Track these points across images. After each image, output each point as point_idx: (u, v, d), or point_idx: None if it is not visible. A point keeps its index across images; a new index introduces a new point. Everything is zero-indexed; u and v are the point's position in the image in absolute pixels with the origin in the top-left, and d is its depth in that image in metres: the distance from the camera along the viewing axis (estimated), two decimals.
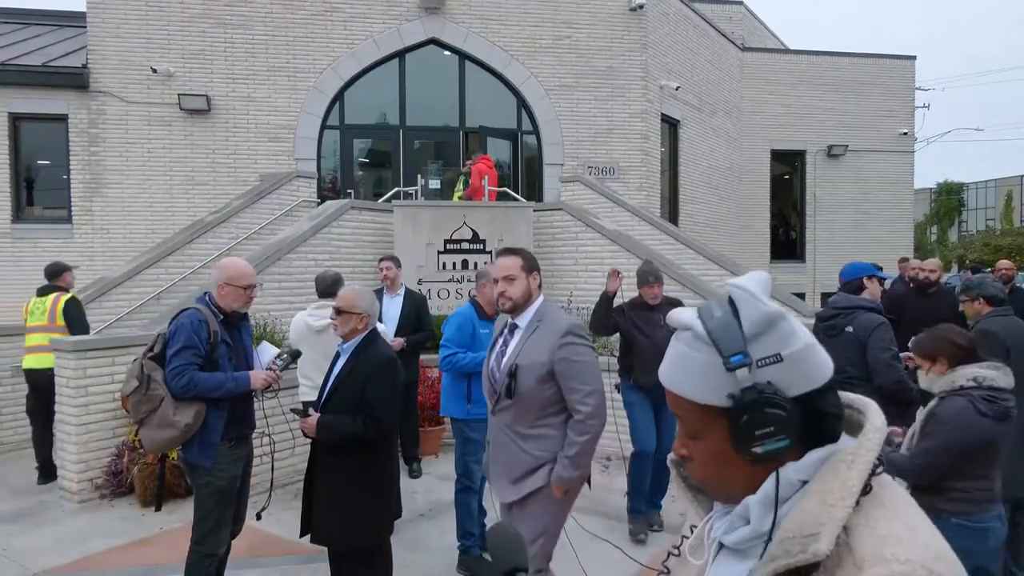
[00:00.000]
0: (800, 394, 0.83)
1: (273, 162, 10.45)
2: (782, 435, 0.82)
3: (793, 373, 0.83)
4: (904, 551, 0.72)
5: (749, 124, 14.77)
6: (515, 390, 2.66)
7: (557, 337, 2.64)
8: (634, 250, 7.88)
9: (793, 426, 0.82)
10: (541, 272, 2.83)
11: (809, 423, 0.83)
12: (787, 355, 0.83)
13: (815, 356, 0.85)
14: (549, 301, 2.85)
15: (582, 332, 2.71)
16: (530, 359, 2.65)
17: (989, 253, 26.41)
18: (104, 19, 10.15)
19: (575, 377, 2.62)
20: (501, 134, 11.70)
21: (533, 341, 2.69)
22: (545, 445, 2.66)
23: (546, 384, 2.63)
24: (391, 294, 5.79)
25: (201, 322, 3.06)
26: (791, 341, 0.84)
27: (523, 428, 2.69)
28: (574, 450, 2.60)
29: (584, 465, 2.66)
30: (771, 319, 0.84)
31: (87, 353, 5.15)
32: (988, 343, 3.33)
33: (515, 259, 2.76)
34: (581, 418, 2.61)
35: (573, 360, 2.63)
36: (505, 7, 11.11)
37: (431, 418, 6.40)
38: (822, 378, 0.85)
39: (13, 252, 10.09)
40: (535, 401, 2.65)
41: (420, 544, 4.38)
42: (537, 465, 2.66)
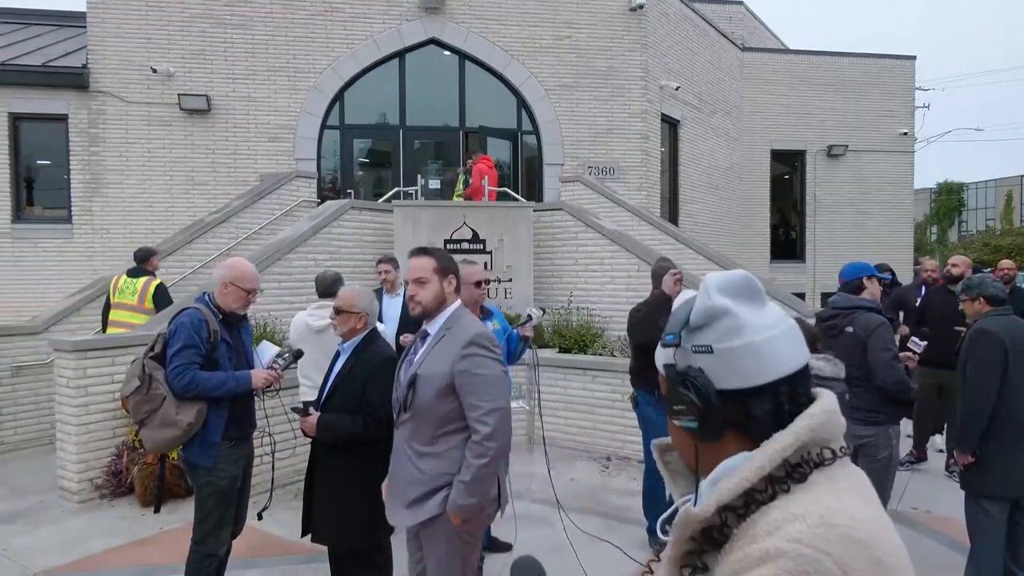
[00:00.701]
0: (731, 389, 0.88)
1: (273, 162, 10.45)
2: (691, 417, 0.89)
3: (722, 367, 0.89)
4: (797, 529, 0.75)
5: (749, 124, 14.77)
6: (411, 403, 2.44)
7: (459, 347, 2.41)
8: (634, 250, 7.88)
9: (710, 414, 0.88)
10: (458, 274, 2.62)
11: (740, 418, 0.88)
12: (718, 349, 0.90)
13: (752, 358, 0.88)
14: (465, 307, 2.65)
15: (488, 342, 2.47)
16: (430, 370, 2.42)
17: (989, 253, 26.42)
18: (104, 19, 10.14)
19: (475, 392, 2.37)
20: (501, 134, 11.70)
21: (438, 350, 2.47)
22: (441, 466, 2.40)
23: (446, 398, 2.39)
24: (391, 294, 5.78)
25: (201, 321, 3.07)
26: (728, 338, 0.89)
27: (420, 445, 2.45)
28: (470, 474, 2.32)
29: (482, 492, 2.38)
30: (712, 313, 0.91)
31: (87, 353, 5.15)
32: (986, 343, 3.33)
33: (427, 260, 2.54)
34: (479, 439, 2.34)
35: (474, 373, 2.38)
36: (505, 7, 11.11)
37: None
38: (757, 380, 0.88)
39: (13, 252, 10.09)
40: (433, 416, 2.42)
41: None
42: (433, 488, 2.40)
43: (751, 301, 0.93)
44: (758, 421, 0.87)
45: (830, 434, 0.86)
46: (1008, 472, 3.22)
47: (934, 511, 4.87)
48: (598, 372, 6.42)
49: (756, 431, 0.87)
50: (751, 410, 0.88)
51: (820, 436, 0.85)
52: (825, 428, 0.86)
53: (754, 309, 0.92)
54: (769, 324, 0.91)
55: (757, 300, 0.93)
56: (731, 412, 0.88)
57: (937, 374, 5.50)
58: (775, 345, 0.89)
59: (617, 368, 6.30)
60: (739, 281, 0.94)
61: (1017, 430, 3.23)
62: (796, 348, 0.91)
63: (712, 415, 0.88)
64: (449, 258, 2.63)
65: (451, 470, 2.38)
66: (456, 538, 2.42)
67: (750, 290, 0.93)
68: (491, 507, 2.52)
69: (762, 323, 0.90)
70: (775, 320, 0.92)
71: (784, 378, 0.88)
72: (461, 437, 2.42)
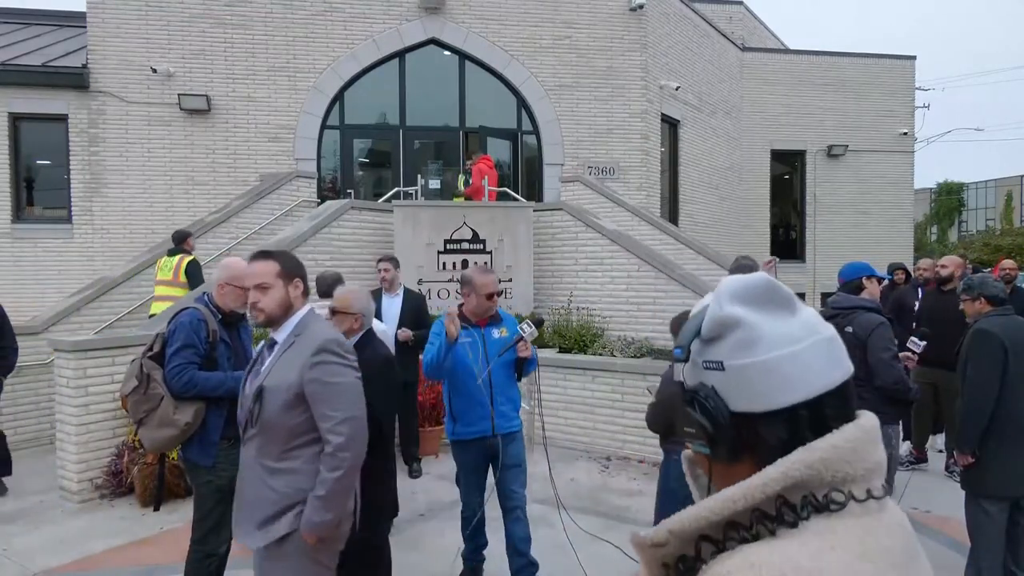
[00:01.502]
0: (744, 411, 0.78)
1: (273, 162, 10.45)
2: (702, 440, 0.80)
3: (733, 386, 0.78)
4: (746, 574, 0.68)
5: (749, 124, 14.77)
6: (258, 416, 2.28)
7: (308, 355, 2.25)
8: (634, 250, 7.88)
9: (721, 438, 0.78)
10: (306, 278, 2.46)
11: (753, 442, 0.78)
12: (729, 366, 0.79)
13: (766, 377, 0.76)
14: (316, 312, 2.49)
15: (340, 348, 2.32)
16: (278, 380, 2.27)
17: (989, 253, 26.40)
18: (104, 19, 10.15)
19: (326, 401, 2.23)
20: (501, 134, 11.70)
21: (285, 359, 2.31)
22: (294, 482, 2.25)
23: (295, 409, 2.24)
24: (390, 294, 5.79)
25: (200, 321, 3.07)
26: (740, 353, 0.78)
27: (270, 461, 2.28)
28: (324, 489, 2.19)
29: (339, 507, 2.23)
30: (723, 325, 0.80)
31: (87, 353, 5.15)
32: (985, 343, 3.33)
33: (270, 264, 2.38)
34: (331, 450, 2.21)
35: (325, 381, 2.24)
36: (505, 7, 11.11)
37: (431, 418, 6.40)
38: (770, 402, 0.76)
39: (13, 252, 10.09)
40: (282, 429, 2.26)
41: (420, 544, 4.38)
42: (286, 506, 2.24)
43: (773, 310, 0.80)
44: (768, 448, 0.76)
45: (844, 474, 0.72)
46: (1008, 472, 3.22)
47: (934, 511, 4.87)
48: (598, 372, 6.42)
49: (766, 459, 0.75)
50: (761, 435, 0.77)
51: (827, 475, 0.72)
52: (834, 466, 0.72)
53: (775, 319, 0.79)
54: (793, 336, 0.78)
55: (781, 308, 0.81)
56: (746, 435, 0.78)
57: (932, 373, 5.50)
58: (797, 362, 0.76)
59: (617, 368, 6.30)
60: (758, 286, 0.81)
61: (1017, 430, 3.23)
62: (827, 365, 0.77)
63: (723, 440, 0.78)
64: (295, 261, 2.47)
65: (303, 486, 2.24)
66: (306, 558, 2.26)
67: (772, 297, 0.81)
68: (348, 523, 2.37)
69: (783, 336, 0.78)
70: (802, 332, 0.79)
71: (806, 401, 0.76)
72: (313, 451, 2.28)
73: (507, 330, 3.72)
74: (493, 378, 3.57)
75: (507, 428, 3.64)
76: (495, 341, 3.61)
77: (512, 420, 3.67)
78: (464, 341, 3.54)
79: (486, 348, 3.59)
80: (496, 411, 3.56)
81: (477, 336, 3.61)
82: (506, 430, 3.63)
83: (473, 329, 3.63)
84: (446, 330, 3.40)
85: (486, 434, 3.56)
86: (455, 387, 3.59)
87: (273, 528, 2.23)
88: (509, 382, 3.68)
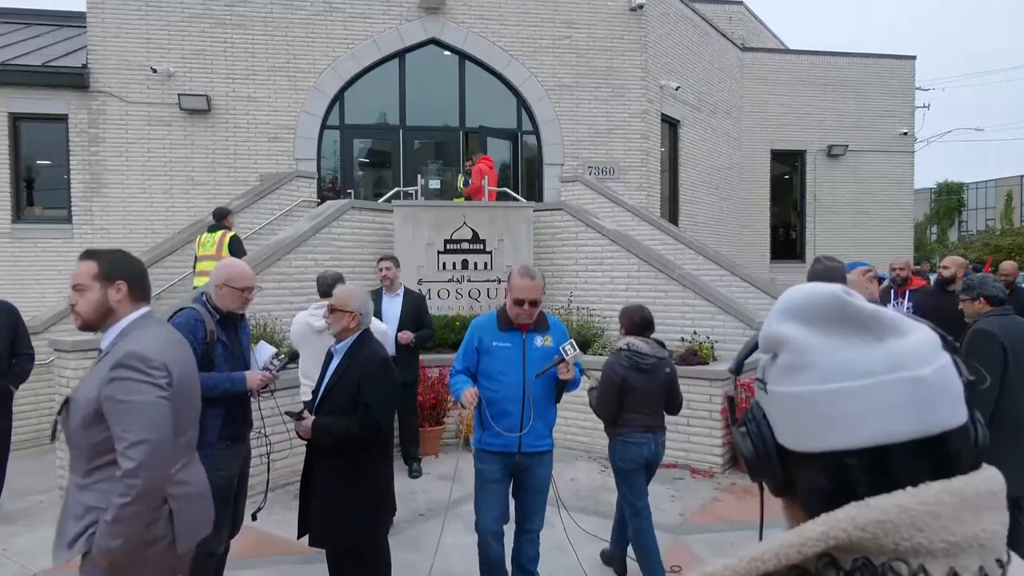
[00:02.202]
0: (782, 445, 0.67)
1: (273, 162, 10.45)
2: (754, 472, 0.70)
3: (774, 415, 0.68)
4: None
5: (749, 124, 14.77)
6: (64, 429, 2.15)
7: (107, 369, 2.06)
8: (634, 250, 7.88)
9: (759, 467, 0.68)
10: (134, 279, 2.25)
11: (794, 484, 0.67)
12: (772, 391, 0.68)
13: (806, 412, 0.64)
14: (151, 317, 2.26)
15: (141, 363, 2.06)
16: (82, 393, 2.10)
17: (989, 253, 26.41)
18: (104, 19, 10.15)
19: (119, 422, 2.02)
20: (501, 134, 11.70)
21: (94, 371, 2.13)
22: (100, 500, 2.07)
23: (96, 426, 2.05)
24: (390, 294, 5.79)
25: (198, 321, 3.07)
26: (784, 379, 0.66)
27: (78, 476, 2.14)
28: (111, 514, 1.99)
29: (126, 534, 2.01)
30: (771, 343, 0.68)
31: (87, 353, 5.15)
32: (984, 343, 3.33)
33: (89, 265, 2.22)
34: (120, 475, 2.00)
35: (119, 399, 2.02)
36: (505, 7, 11.11)
37: (431, 418, 6.40)
38: (806, 444, 0.64)
39: (13, 252, 10.09)
40: (85, 445, 2.09)
41: (420, 544, 4.38)
42: (89, 523, 2.09)
43: (843, 333, 0.64)
44: (808, 493, 0.65)
45: (915, 543, 0.57)
46: (1007, 472, 3.21)
47: None
48: (598, 372, 6.40)
49: (812, 504, 0.63)
50: (796, 478, 0.66)
51: (887, 541, 0.57)
52: (898, 532, 0.57)
53: (843, 344, 0.64)
54: (860, 369, 0.62)
55: (859, 332, 0.64)
56: (787, 472, 0.67)
57: None
58: (850, 401, 0.61)
59: None
60: (824, 301, 0.66)
61: (1016, 430, 3.23)
62: (902, 411, 0.61)
63: (762, 471, 0.68)
64: (121, 262, 2.26)
65: (103, 505, 2.06)
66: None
67: (842, 316, 0.65)
68: (152, 548, 2.11)
69: (845, 366, 0.62)
70: (879, 365, 0.62)
71: (860, 450, 0.61)
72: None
73: (552, 339, 3.34)
74: (531, 391, 3.25)
75: (536, 447, 3.33)
76: (537, 350, 3.29)
77: (543, 439, 3.38)
78: (502, 346, 3.28)
79: (525, 357, 3.27)
80: (527, 427, 3.26)
81: (517, 343, 3.29)
82: (535, 449, 3.33)
83: (513, 334, 3.30)
84: (463, 399, 3.19)
85: (511, 450, 3.28)
86: (487, 394, 3.28)
87: (76, 545, 2.09)
88: (547, 399, 3.36)
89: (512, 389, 3.25)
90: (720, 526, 4.72)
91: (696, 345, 6.61)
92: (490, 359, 3.28)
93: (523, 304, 3.21)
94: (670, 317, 7.19)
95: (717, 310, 7.05)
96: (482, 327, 3.36)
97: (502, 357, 3.27)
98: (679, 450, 6.01)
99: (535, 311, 3.28)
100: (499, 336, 3.29)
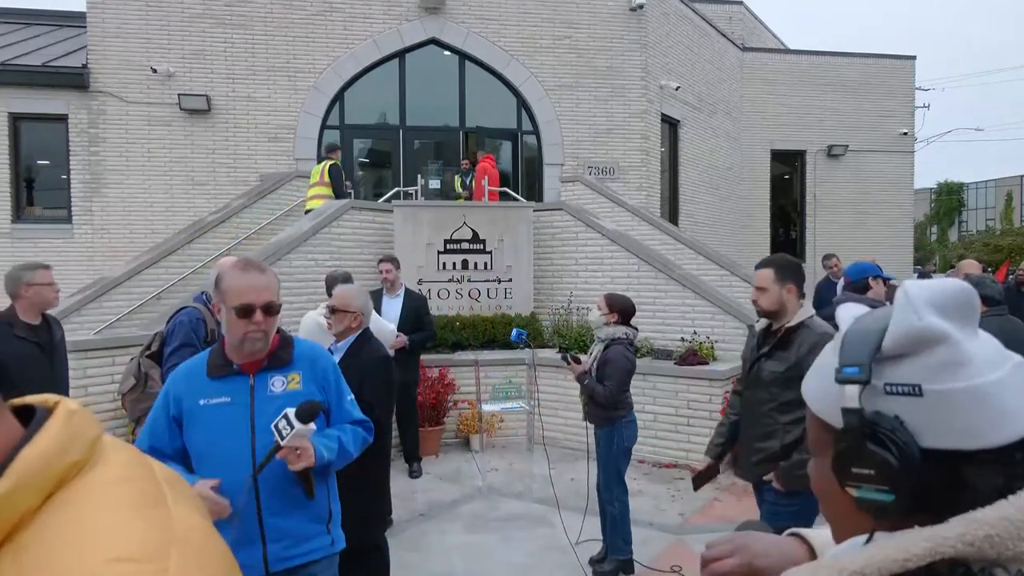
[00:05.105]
0: (941, 448, 0.63)
1: (273, 162, 10.45)
2: (885, 486, 0.64)
3: (934, 417, 0.63)
4: None
5: (749, 124, 14.77)
6: None
7: None
8: (634, 250, 7.87)
9: (910, 483, 0.63)
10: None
11: (946, 490, 0.63)
12: (930, 391, 0.64)
13: (979, 406, 0.62)
14: None
15: None
16: None
17: (989, 253, 26.43)
18: (104, 19, 10.14)
19: None
20: (501, 134, 11.71)
21: None
22: None
23: None
24: (391, 295, 5.79)
25: (199, 320, 3.08)
26: (945, 376, 0.63)
27: None
28: None
29: None
30: (923, 339, 0.65)
31: (87, 353, 5.15)
32: None
33: None
34: None
35: None
36: (505, 7, 11.11)
37: (431, 418, 6.40)
38: (984, 441, 0.62)
39: (13, 252, 10.08)
40: None
41: (420, 544, 4.38)
42: None
43: (968, 325, 0.66)
44: (972, 498, 0.61)
45: (1019, 552, 0.57)
46: None
47: None
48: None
49: (956, 512, 0.61)
50: (970, 481, 0.62)
51: (991, 552, 0.58)
52: (1006, 544, 0.58)
53: (971, 336, 0.66)
54: (993, 360, 0.64)
55: (971, 323, 0.67)
56: (937, 480, 0.63)
57: None
58: (1008, 390, 0.63)
59: None
60: (958, 296, 0.66)
61: None
62: None
63: (912, 484, 0.63)
64: None
65: None
66: None
67: (970, 311, 0.67)
68: None
69: (987, 358, 0.64)
70: (997, 354, 0.65)
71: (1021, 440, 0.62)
72: None
73: (301, 379, 2.11)
74: (263, 476, 1.96)
75: (293, 559, 2.05)
76: (274, 401, 2.04)
77: (307, 540, 2.09)
78: (214, 403, 2.03)
79: (255, 415, 2.02)
80: (268, 531, 1.99)
81: (241, 392, 2.05)
82: (291, 562, 2.05)
83: (232, 380, 2.06)
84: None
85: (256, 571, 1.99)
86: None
87: None
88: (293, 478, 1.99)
89: (235, 472, 1.93)
90: (720, 526, 4.72)
91: (696, 345, 6.61)
92: (198, 428, 2.02)
93: (252, 312, 2.01)
94: (670, 317, 7.19)
95: (717, 310, 7.05)
96: (179, 379, 2.10)
97: (216, 421, 2.01)
98: (679, 450, 6.01)
99: (272, 326, 2.08)
100: (209, 387, 2.04)
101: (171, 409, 2.05)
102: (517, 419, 6.87)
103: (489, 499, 5.30)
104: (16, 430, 0.60)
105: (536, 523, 4.72)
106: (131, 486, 0.62)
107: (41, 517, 0.57)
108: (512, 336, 4.39)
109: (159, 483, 0.66)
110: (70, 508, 0.58)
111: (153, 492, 0.64)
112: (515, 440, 6.86)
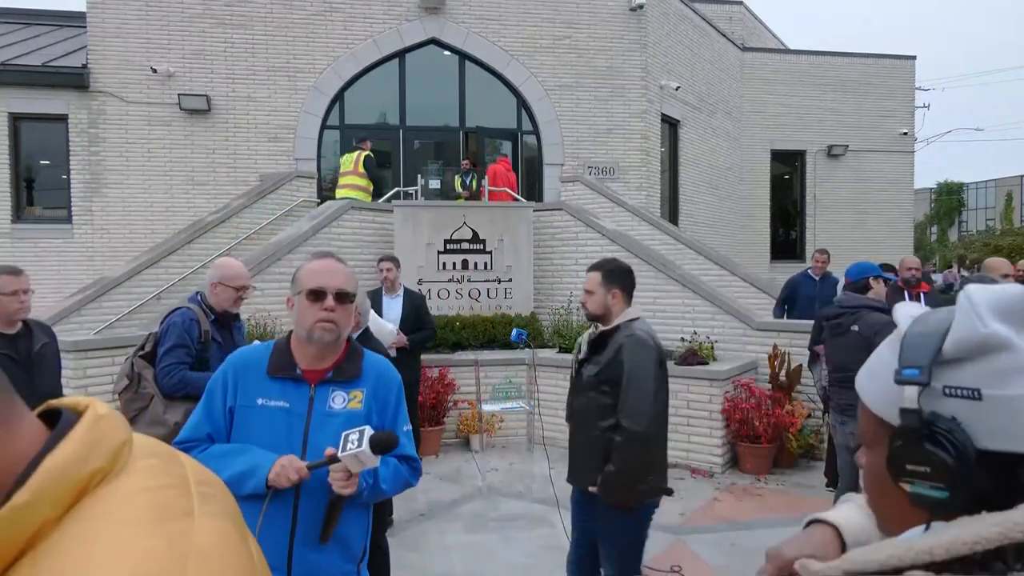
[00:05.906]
0: (998, 451, 0.66)
1: (273, 162, 10.45)
2: (940, 483, 0.67)
3: (993, 420, 0.66)
4: None
5: (749, 124, 14.77)
6: None
7: None
8: (634, 250, 7.87)
9: (964, 482, 0.66)
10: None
11: (1002, 489, 0.66)
12: (990, 395, 0.66)
13: None
14: None
15: None
16: None
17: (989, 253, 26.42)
18: (104, 19, 10.15)
19: None
20: (501, 134, 11.71)
21: None
22: None
23: None
24: (390, 295, 5.79)
25: (193, 321, 3.07)
26: (1007, 382, 0.66)
27: None
28: None
29: None
30: (985, 345, 0.67)
31: (87, 353, 5.15)
32: None
33: None
34: None
35: None
36: (505, 7, 11.11)
37: (431, 418, 6.40)
38: None
39: (13, 252, 10.09)
40: None
41: (420, 544, 4.38)
42: None
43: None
44: (1012, 496, 0.65)
45: None
46: None
47: None
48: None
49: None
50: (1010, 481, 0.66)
51: None
52: None
53: None
54: None
55: None
56: (993, 480, 0.66)
57: None
58: None
59: None
60: (1022, 302, 0.69)
61: None
62: None
63: (966, 483, 0.66)
64: None
65: None
66: None
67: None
68: None
69: None
70: None
71: None
72: None
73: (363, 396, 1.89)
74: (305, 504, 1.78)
75: None
76: (333, 418, 1.83)
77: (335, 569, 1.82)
78: (270, 405, 1.84)
79: (310, 430, 1.82)
80: (295, 564, 1.76)
81: (300, 401, 1.85)
82: None
83: (293, 385, 1.86)
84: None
85: None
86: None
87: None
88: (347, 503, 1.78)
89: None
90: (720, 526, 4.72)
91: (696, 345, 6.60)
92: (251, 428, 1.83)
93: (324, 297, 1.84)
94: (670, 317, 7.18)
95: (717, 310, 7.05)
96: (239, 367, 1.92)
97: (271, 426, 1.82)
98: (679, 450, 6.00)
99: (344, 321, 1.88)
100: (268, 386, 1.86)
101: (228, 399, 1.86)
102: (517, 419, 6.86)
103: (489, 499, 5.29)
104: (38, 437, 0.58)
105: (536, 523, 4.72)
106: (153, 496, 0.60)
107: (60, 529, 0.55)
108: (512, 336, 4.31)
109: (188, 490, 0.63)
110: (86, 521, 0.56)
111: (177, 502, 0.61)
112: (515, 440, 6.86)
